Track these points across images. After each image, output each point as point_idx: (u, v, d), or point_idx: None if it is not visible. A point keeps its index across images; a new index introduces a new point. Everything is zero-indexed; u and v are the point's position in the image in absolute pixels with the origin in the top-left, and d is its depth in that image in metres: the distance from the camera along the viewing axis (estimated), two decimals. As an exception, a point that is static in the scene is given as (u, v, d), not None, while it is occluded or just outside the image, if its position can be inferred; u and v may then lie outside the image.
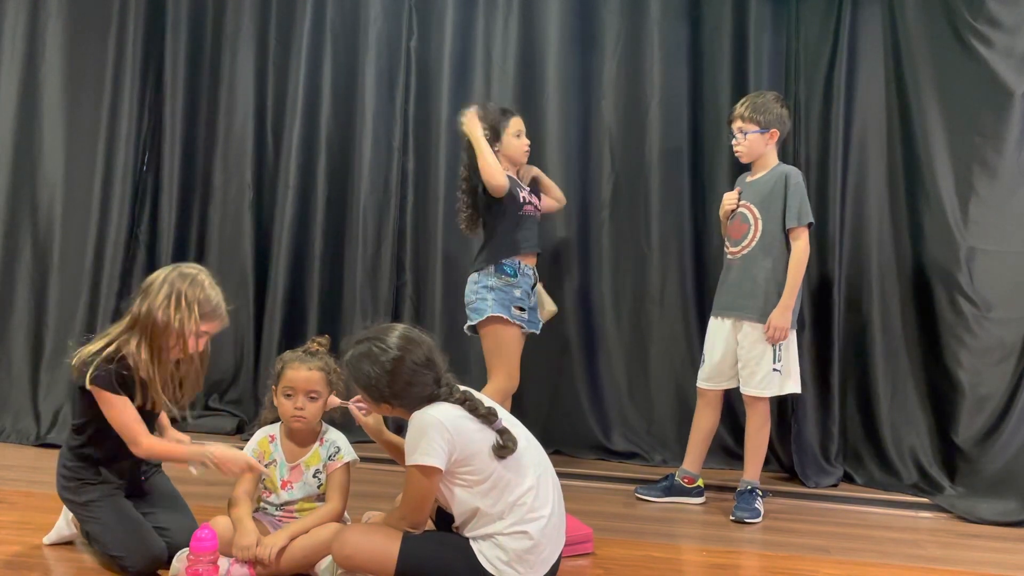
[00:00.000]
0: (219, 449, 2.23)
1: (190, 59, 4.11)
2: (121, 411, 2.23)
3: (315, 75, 4.01)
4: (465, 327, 3.13)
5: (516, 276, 3.08)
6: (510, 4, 3.88)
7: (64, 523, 2.46)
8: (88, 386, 2.22)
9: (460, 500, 2.07)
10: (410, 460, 2.04)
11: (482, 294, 3.06)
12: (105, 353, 2.23)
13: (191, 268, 2.34)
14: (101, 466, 2.36)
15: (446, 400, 2.10)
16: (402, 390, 2.09)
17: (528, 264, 3.15)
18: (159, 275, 2.31)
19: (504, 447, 2.05)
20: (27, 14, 3.98)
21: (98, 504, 2.32)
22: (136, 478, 2.43)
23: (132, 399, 2.25)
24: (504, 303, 3.03)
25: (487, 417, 2.09)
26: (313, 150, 4.02)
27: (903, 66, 3.51)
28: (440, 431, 2.02)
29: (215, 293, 2.32)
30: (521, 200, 3.12)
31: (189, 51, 4.11)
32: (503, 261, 3.08)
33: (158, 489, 2.48)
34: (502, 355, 3.04)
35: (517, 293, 3.07)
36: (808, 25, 3.63)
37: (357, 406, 2.33)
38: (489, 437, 2.07)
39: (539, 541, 2.04)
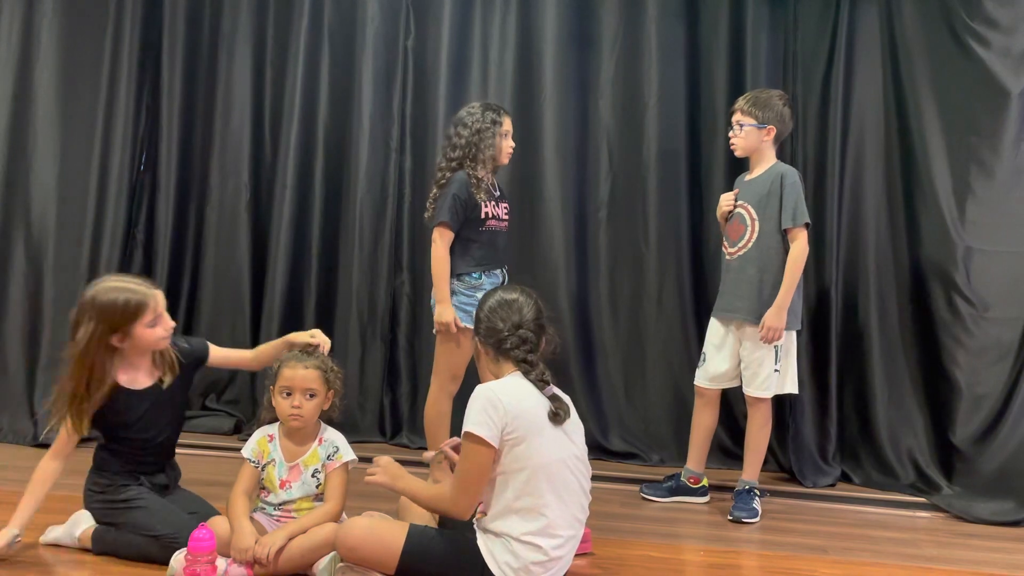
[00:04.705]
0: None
1: (187, 58, 4.10)
2: None
3: (312, 75, 4.00)
4: (433, 330, 3.07)
5: (481, 278, 3.03)
6: (507, 3, 3.87)
7: (64, 532, 2.46)
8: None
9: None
10: (467, 427, 2.03)
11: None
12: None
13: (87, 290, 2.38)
14: (142, 474, 2.46)
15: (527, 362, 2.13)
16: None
17: (493, 273, 3.08)
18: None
19: (556, 414, 2.09)
20: (22, 13, 3.94)
21: (138, 497, 2.39)
22: (162, 491, 2.50)
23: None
24: (467, 310, 2.97)
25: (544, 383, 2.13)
26: (310, 150, 4.01)
27: (900, 66, 3.51)
28: (497, 405, 2.02)
29: (122, 289, 2.35)
30: (482, 216, 3.04)
31: (186, 50, 4.09)
32: (465, 271, 3.04)
33: (183, 495, 2.56)
34: (451, 358, 3.01)
35: (479, 296, 3.03)
36: (805, 25, 3.63)
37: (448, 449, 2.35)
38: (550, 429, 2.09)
39: (552, 557, 2.03)
